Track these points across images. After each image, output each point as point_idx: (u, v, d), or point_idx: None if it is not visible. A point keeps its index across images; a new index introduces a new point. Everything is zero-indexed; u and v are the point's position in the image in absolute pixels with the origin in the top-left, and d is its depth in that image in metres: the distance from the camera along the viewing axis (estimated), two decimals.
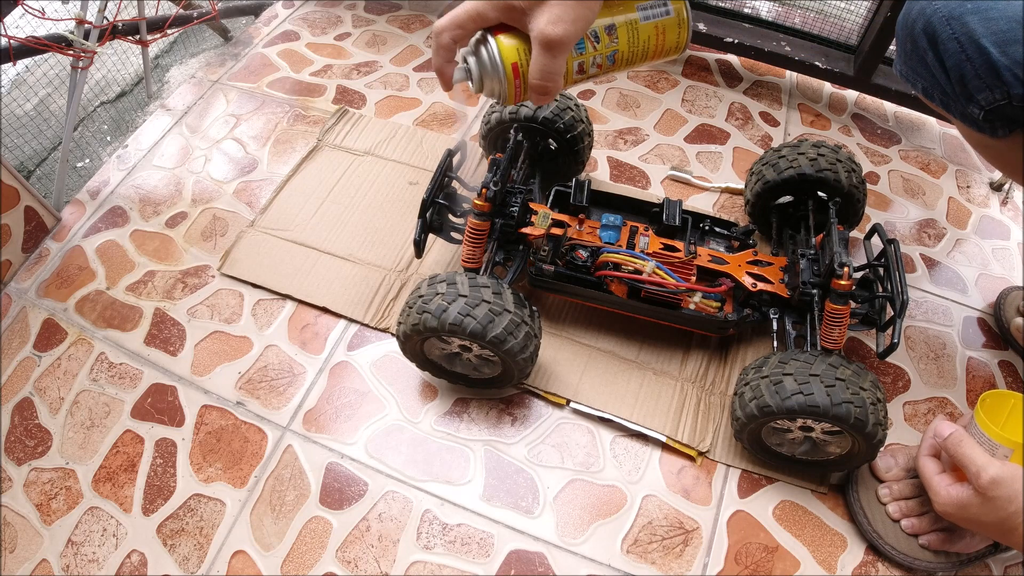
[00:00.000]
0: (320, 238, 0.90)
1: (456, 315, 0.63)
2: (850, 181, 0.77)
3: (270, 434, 0.75)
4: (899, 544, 0.67)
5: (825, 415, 0.60)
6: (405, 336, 0.70)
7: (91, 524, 0.71)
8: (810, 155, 0.79)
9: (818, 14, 1.11)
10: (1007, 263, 0.95)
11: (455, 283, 0.66)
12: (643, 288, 0.73)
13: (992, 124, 0.59)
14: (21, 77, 1.21)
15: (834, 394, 0.60)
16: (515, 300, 0.66)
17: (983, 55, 0.58)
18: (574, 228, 0.77)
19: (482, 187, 0.70)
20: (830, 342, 0.68)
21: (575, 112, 0.84)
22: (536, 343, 0.68)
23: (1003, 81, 0.57)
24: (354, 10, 1.27)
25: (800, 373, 0.62)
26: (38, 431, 0.77)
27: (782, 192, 0.82)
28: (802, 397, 0.61)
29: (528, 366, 0.69)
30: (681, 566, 0.68)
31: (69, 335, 0.84)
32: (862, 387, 0.61)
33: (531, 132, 0.83)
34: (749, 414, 0.65)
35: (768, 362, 0.66)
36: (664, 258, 0.75)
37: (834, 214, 0.73)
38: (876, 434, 0.61)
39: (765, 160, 0.83)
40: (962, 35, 0.59)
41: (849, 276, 0.66)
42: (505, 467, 0.73)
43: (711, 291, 0.74)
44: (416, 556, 0.68)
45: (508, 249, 0.77)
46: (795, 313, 0.74)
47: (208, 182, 0.98)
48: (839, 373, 0.62)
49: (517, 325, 0.65)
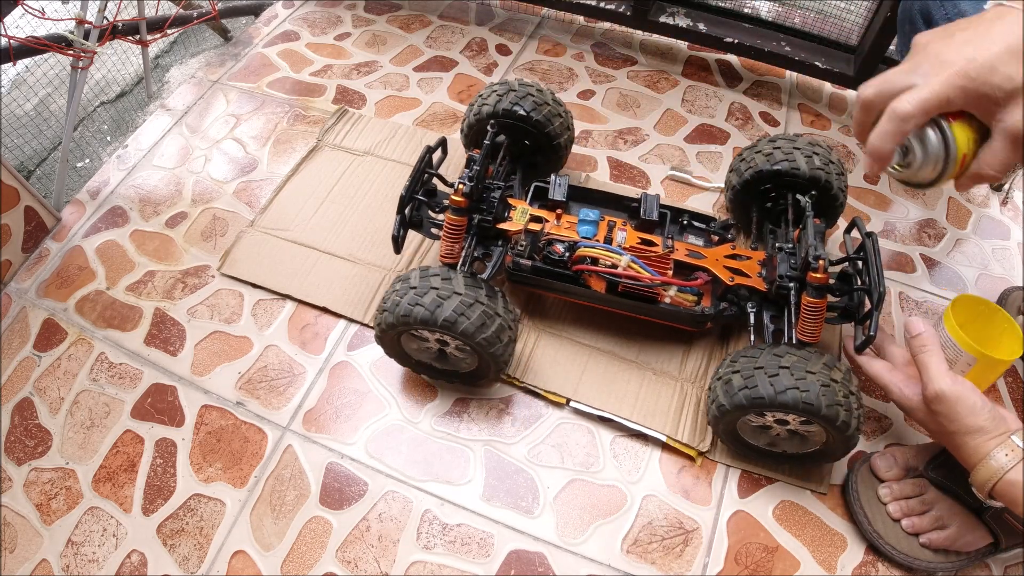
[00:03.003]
0: (320, 238, 0.90)
1: (406, 306, 0.65)
2: (812, 164, 0.76)
3: (270, 434, 0.75)
4: (899, 544, 0.67)
5: (772, 405, 0.61)
6: (379, 339, 0.72)
7: (91, 524, 0.71)
8: (765, 151, 0.79)
9: (818, 14, 1.11)
10: (1007, 263, 0.95)
11: (407, 278, 0.68)
12: (620, 282, 0.73)
13: None
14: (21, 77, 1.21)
15: (776, 383, 0.61)
16: (467, 283, 0.67)
17: None
18: (552, 223, 0.77)
19: (458, 182, 0.71)
20: (807, 335, 0.68)
21: (552, 107, 0.84)
22: (500, 322, 0.67)
23: None
24: (354, 10, 1.27)
25: (746, 368, 0.64)
26: (38, 431, 0.77)
27: (754, 193, 0.82)
28: (748, 391, 0.62)
29: (496, 346, 0.67)
30: (681, 566, 0.68)
31: (69, 335, 0.84)
32: (809, 371, 0.61)
33: (509, 128, 0.84)
34: (713, 416, 0.67)
35: (724, 363, 0.68)
36: (641, 252, 0.75)
37: (810, 207, 0.72)
38: (836, 415, 0.60)
39: (731, 167, 0.85)
40: (955, 15, 0.63)
41: (825, 269, 0.65)
42: (505, 467, 0.73)
43: (686, 284, 0.74)
44: (416, 556, 0.68)
45: (487, 245, 0.77)
46: (773, 307, 0.74)
47: (208, 182, 0.98)
48: (784, 361, 0.62)
49: (469, 306, 0.65)
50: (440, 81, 1.12)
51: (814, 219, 0.70)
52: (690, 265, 0.75)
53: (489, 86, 0.86)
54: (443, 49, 1.18)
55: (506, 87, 0.84)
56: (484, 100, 0.84)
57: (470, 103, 0.87)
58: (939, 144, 0.47)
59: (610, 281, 0.73)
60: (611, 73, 1.16)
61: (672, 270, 0.74)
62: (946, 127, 0.47)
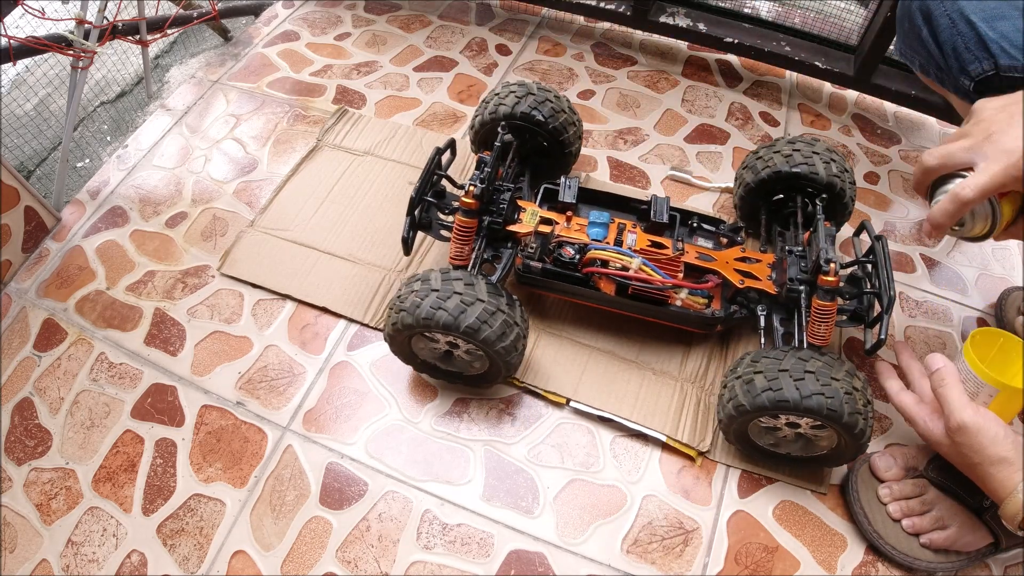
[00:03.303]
0: (320, 238, 0.90)
1: (428, 309, 0.64)
2: (829, 171, 0.77)
3: (270, 434, 0.75)
4: (899, 544, 0.67)
5: (797, 409, 0.61)
6: (390, 338, 0.71)
7: (91, 524, 0.71)
8: (784, 152, 0.79)
9: (818, 14, 1.11)
10: (1007, 263, 0.95)
11: (428, 279, 0.67)
12: (630, 285, 0.73)
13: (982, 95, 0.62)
14: (21, 77, 1.21)
15: (803, 387, 0.60)
16: (489, 290, 0.66)
17: (973, 29, 0.63)
18: (562, 225, 0.77)
19: (469, 184, 0.71)
20: (817, 338, 0.68)
21: (568, 115, 0.84)
22: (518, 331, 0.67)
23: (991, 53, 0.62)
24: (354, 10, 1.27)
25: (770, 370, 0.63)
26: (38, 431, 0.77)
27: (765, 192, 0.82)
28: (772, 393, 0.62)
29: (512, 355, 0.68)
30: (681, 566, 0.68)
31: (69, 335, 0.84)
32: (834, 377, 0.61)
33: (520, 130, 0.83)
34: (728, 415, 0.66)
35: (742, 362, 0.67)
36: (651, 255, 0.75)
37: (820, 210, 0.73)
38: (856, 424, 0.60)
39: (745, 164, 0.84)
40: (953, 12, 0.64)
41: (835, 272, 0.66)
42: (505, 467, 0.73)
43: (697, 287, 0.74)
44: (416, 556, 0.68)
45: (496, 247, 0.77)
46: (783, 310, 0.74)
47: (208, 182, 0.98)
48: (809, 366, 0.62)
49: (492, 314, 0.65)
50: (440, 81, 1.12)
51: (824, 223, 0.70)
52: (700, 268, 0.75)
53: (506, 86, 0.85)
54: (443, 49, 1.18)
55: (524, 89, 0.83)
56: (501, 100, 0.83)
57: (484, 100, 0.86)
58: (987, 217, 0.56)
59: (619, 284, 0.74)
60: (611, 73, 1.16)
61: (682, 273, 0.75)
62: (996, 203, 0.55)
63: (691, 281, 0.75)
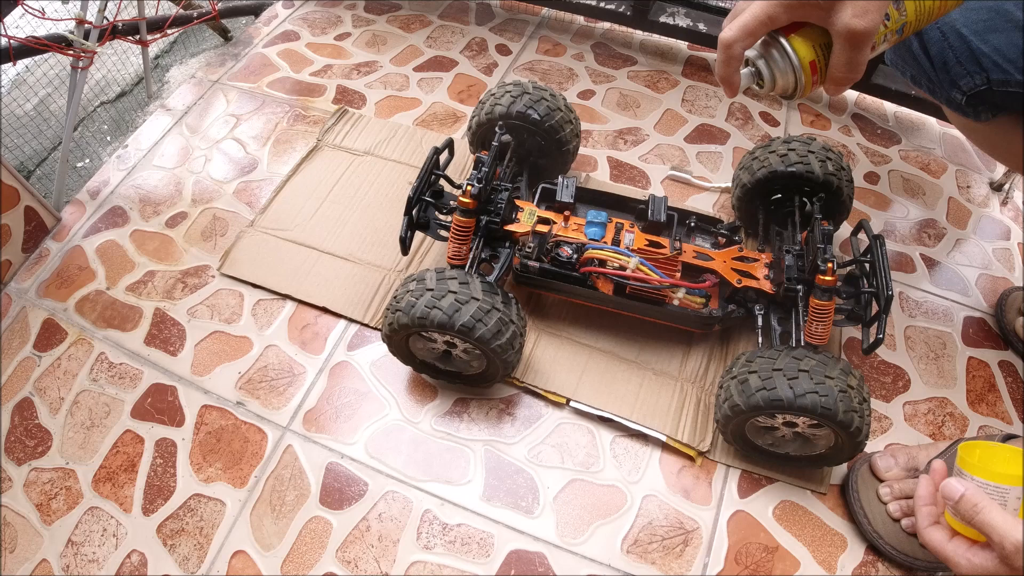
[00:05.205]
0: (320, 238, 0.90)
1: (423, 308, 0.64)
2: (825, 169, 0.77)
3: (270, 434, 0.75)
4: (899, 544, 0.67)
5: (791, 407, 0.61)
6: (387, 339, 0.71)
7: (91, 524, 0.71)
8: (780, 151, 0.79)
9: None
10: (1007, 263, 0.95)
11: (424, 279, 0.67)
12: (628, 284, 0.73)
13: (975, 108, 0.61)
14: (21, 77, 1.21)
15: (796, 386, 0.61)
16: (484, 288, 0.66)
17: (964, 43, 0.61)
18: (559, 225, 0.77)
19: (466, 184, 0.71)
20: (814, 338, 0.68)
21: (564, 113, 0.84)
22: (514, 329, 0.67)
23: (983, 67, 0.60)
24: (354, 10, 1.27)
25: (764, 369, 0.63)
26: (38, 431, 0.77)
27: (762, 193, 0.82)
28: (766, 392, 0.62)
29: (509, 353, 0.68)
30: (681, 566, 0.68)
31: (69, 335, 0.84)
32: (828, 376, 0.61)
33: (517, 130, 0.83)
34: (725, 415, 0.67)
35: (738, 362, 0.67)
36: (649, 254, 0.75)
37: (818, 210, 0.73)
38: (851, 422, 0.60)
39: (742, 164, 0.85)
40: (944, 25, 0.63)
41: (833, 272, 0.66)
42: (505, 467, 0.73)
43: (695, 287, 0.74)
44: (416, 556, 0.68)
45: (494, 246, 0.77)
46: (781, 309, 0.74)
47: (208, 182, 0.98)
48: (803, 365, 0.62)
49: (487, 312, 0.65)
50: (440, 81, 1.12)
51: (822, 222, 0.70)
52: (698, 267, 0.75)
53: (502, 86, 0.85)
54: (443, 49, 1.18)
55: (520, 89, 0.84)
56: (497, 100, 0.84)
57: (480, 101, 0.86)
58: (782, 59, 0.49)
59: (617, 283, 0.74)
60: (611, 73, 1.16)
61: (680, 272, 0.75)
62: (784, 42, 0.49)
63: (689, 281, 0.75)
